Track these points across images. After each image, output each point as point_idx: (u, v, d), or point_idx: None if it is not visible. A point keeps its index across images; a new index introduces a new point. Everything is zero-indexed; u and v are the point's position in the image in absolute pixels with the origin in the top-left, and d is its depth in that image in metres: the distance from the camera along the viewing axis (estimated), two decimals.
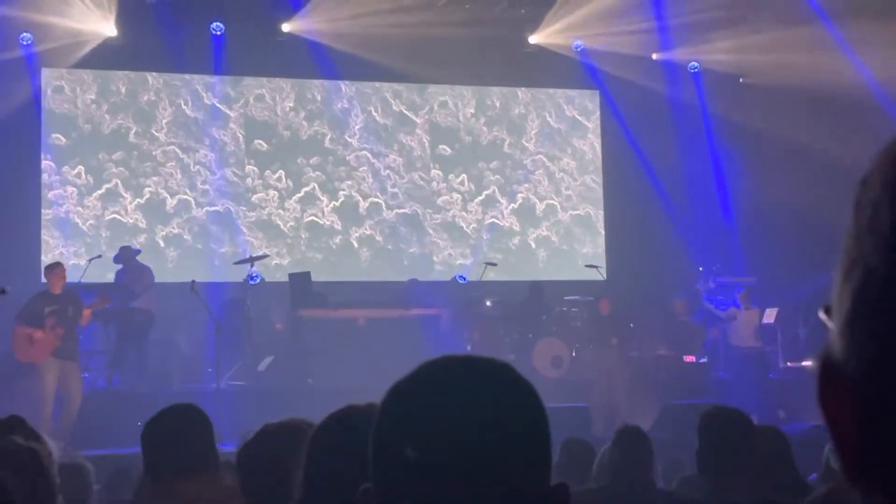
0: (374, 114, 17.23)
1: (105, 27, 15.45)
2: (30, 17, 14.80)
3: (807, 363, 14.42)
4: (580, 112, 18.23)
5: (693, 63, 17.66)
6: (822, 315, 0.82)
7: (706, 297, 15.18)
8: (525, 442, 1.37)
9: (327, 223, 16.84)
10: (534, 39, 17.22)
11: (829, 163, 14.24)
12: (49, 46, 15.27)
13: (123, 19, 15.45)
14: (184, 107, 16.39)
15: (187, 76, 16.44)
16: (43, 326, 11.42)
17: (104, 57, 15.70)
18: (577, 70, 17.53)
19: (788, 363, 15.26)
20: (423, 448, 1.34)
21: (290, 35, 16.33)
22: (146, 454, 3.69)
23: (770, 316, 15.17)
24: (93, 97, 16.00)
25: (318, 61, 16.43)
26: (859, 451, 0.77)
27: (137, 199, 16.07)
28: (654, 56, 17.62)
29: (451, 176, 17.47)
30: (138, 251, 14.12)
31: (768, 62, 16.53)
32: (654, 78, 17.48)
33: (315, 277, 14.79)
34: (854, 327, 0.76)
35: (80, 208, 15.82)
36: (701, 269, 16.51)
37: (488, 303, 14.93)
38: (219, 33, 15.97)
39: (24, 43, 15.15)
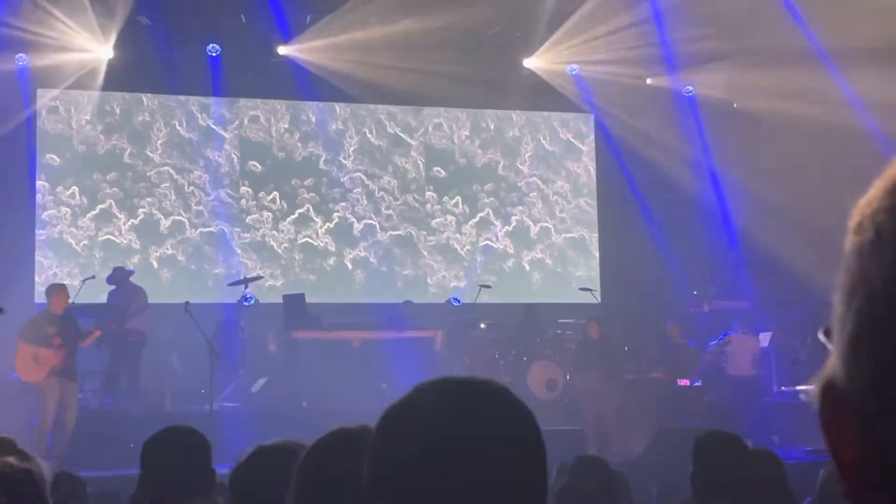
0: (368, 135, 17.25)
1: (100, 48, 15.46)
2: (25, 38, 14.81)
3: (801, 387, 14.39)
4: (574, 135, 18.27)
5: (688, 87, 17.71)
6: (821, 336, 0.81)
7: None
8: (522, 465, 1.36)
9: (321, 245, 16.83)
10: (528, 63, 17.27)
11: (826, 182, 14.26)
12: (44, 67, 15.27)
13: (119, 40, 15.46)
14: (178, 128, 16.40)
15: (182, 97, 16.45)
16: (51, 346, 11.49)
17: (99, 77, 15.70)
18: (572, 93, 17.57)
19: (783, 388, 15.22)
20: (419, 470, 1.33)
21: (285, 57, 16.37)
22: (142, 473, 3.69)
23: (764, 340, 15.14)
24: (87, 118, 16.00)
25: (313, 83, 16.44)
26: (862, 474, 0.76)
27: (131, 220, 16.05)
28: (649, 81, 17.67)
29: (445, 198, 17.48)
30: (132, 272, 14.11)
31: (762, 90, 16.57)
32: (649, 102, 17.52)
33: (309, 299, 14.77)
34: (857, 349, 0.76)
35: (73, 229, 15.80)
36: (695, 292, 16.51)
37: (483, 325, 14.91)
38: (214, 55, 15.99)
39: (20, 63, 15.17)
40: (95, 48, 15.43)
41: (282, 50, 16.26)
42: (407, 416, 1.38)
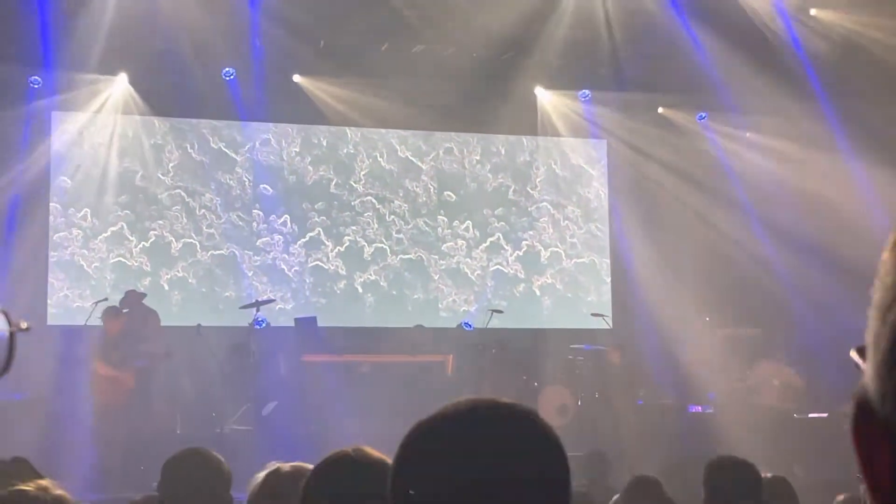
0: (379, 159, 17.27)
1: (114, 72, 15.52)
2: (39, 61, 14.87)
3: (816, 414, 14.29)
4: (586, 160, 18.25)
5: (701, 114, 17.66)
6: (854, 355, 0.81)
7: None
8: (547, 488, 1.36)
9: (332, 268, 16.83)
10: (540, 88, 17.28)
11: (841, 208, 14.28)
12: (58, 90, 15.34)
13: (133, 64, 15.52)
14: (190, 150, 16.44)
15: (194, 120, 16.50)
16: (123, 369, 11.79)
17: (112, 100, 15.76)
18: (583, 118, 17.58)
19: (795, 415, 15.11)
20: (445, 488, 1.32)
21: (297, 83, 16.42)
22: (161, 494, 3.70)
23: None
24: (101, 140, 16.05)
25: (325, 108, 16.47)
26: (894, 493, 0.76)
27: (142, 243, 16.08)
28: (661, 110, 17.64)
29: (455, 222, 17.48)
30: (144, 295, 14.13)
31: (771, 124, 16.64)
32: (661, 127, 17.51)
33: (319, 322, 14.78)
34: (891, 365, 0.75)
35: (85, 251, 15.83)
36: (708, 318, 16.44)
37: (493, 350, 14.89)
38: (230, 78, 16.04)
39: (34, 86, 15.23)
40: (109, 71, 15.48)
41: (296, 78, 16.33)
42: (435, 434, 1.38)
